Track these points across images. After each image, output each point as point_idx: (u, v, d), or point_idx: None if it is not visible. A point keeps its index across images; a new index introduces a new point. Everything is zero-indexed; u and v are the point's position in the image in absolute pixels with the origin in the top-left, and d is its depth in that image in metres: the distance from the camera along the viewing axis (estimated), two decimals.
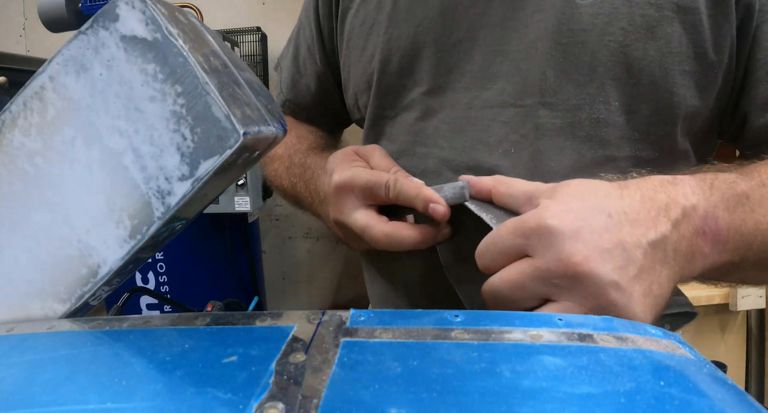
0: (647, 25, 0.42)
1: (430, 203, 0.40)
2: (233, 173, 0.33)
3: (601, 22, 0.43)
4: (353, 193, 0.43)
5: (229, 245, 1.65)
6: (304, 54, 0.65)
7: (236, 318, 0.29)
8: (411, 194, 0.40)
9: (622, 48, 0.43)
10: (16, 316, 0.32)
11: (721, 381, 0.24)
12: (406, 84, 0.51)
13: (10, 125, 0.31)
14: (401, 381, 0.22)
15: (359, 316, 0.29)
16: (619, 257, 0.31)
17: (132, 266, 0.32)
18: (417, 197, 0.40)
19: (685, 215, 0.33)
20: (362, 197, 0.43)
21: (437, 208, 0.39)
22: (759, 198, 0.36)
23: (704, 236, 0.34)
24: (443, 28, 0.49)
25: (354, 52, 0.55)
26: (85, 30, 0.29)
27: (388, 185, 0.42)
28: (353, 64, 0.56)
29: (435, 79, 0.49)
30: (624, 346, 0.25)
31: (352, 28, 0.55)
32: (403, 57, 0.50)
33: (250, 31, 1.87)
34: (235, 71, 0.34)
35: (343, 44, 0.57)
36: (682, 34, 0.42)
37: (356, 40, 0.55)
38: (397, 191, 0.41)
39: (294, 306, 2.20)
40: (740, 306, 1.58)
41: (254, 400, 0.21)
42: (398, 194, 0.41)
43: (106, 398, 0.21)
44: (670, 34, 0.42)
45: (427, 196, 0.40)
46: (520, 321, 0.27)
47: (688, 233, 0.33)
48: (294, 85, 0.67)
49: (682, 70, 0.43)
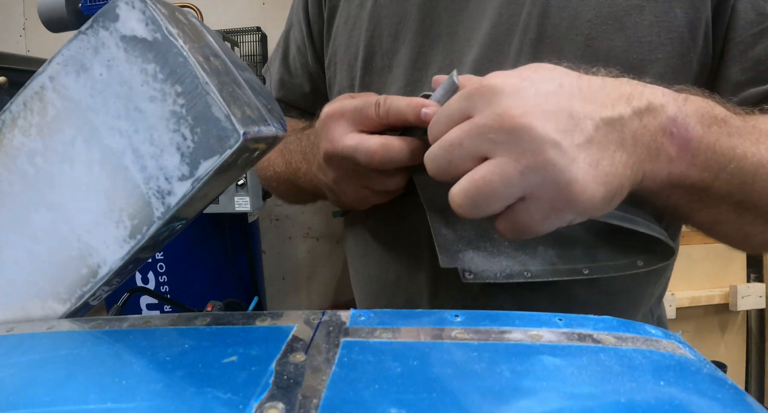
0: (615, 16, 0.42)
1: (421, 109, 0.37)
2: (233, 173, 0.33)
3: (569, 15, 0.43)
4: (343, 118, 0.41)
5: (229, 245, 1.65)
6: (294, 54, 0.64)
7: (236, 318, 0.29)
8: (402, 105, 0.38)
9: (588, 41, 0.42)
10: (16, 316, 0.32)
11: (721, 381, 0.24)
12: (387, 81, 0.51)
13: (10, 125, 0.31)
14: (401, 381, 0.22)
15: (359, 316, 0.29)
16: (563, 122, 0.29)
17: (132, 266, 0.32)
18: (408, 106, 0.38)
19: (650, 109, 0.31)
20: (353, 122, 0.41)
21: (426, 111, 0.37)
22: (737, 127, 0.35)
23: (671, 138, 0.32)
24: (423, 23, 0.49)
25: (339, 51, 0.55)
26: (85, 30, 0.29)
27: (378, 102, 0.40)
28: (338, 62, 0.56)
29: (412, 73, 0.49)
30: (624, 346, 0.25)
31: (337, 26, 0.55)
32: (385, 55, 0.51)
33: (250, 31, 1.87)
34: (235, 71, 0.34)
35: (330, 43, 0.57)
36: (652, 23, 0.42)
37: (341, 38, 0.55)
38: (388, 105, 0.39)
39: (294, 306, 2.20)
40: (740, 306, 1.58)
41: (254, 400, 0.21)
42: (389, 109, 0.39)
43: (106, 398, 0.21)
44: (639, 23, 0.42)
45: (418, 102, 0.38)
46: (520, 321, 0.27)
47: (653, 128, 0.31)
48: (283, 85, 0.66)
49: (654, 59, 0.42)
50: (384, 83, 0.51)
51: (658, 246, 0.39)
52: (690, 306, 1.57)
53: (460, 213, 0.31)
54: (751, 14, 0.41)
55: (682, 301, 1.56)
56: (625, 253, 0.41)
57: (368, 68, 0.52)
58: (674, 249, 0.39)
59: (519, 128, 0.29)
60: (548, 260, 0.41)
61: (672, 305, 1.53)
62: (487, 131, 0.30)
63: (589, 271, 0.41)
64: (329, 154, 0.42)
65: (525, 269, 0.41)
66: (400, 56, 0.50)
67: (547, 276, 0.41)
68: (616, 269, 0.40)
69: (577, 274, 0.41)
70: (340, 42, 0.55)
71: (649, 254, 0.40)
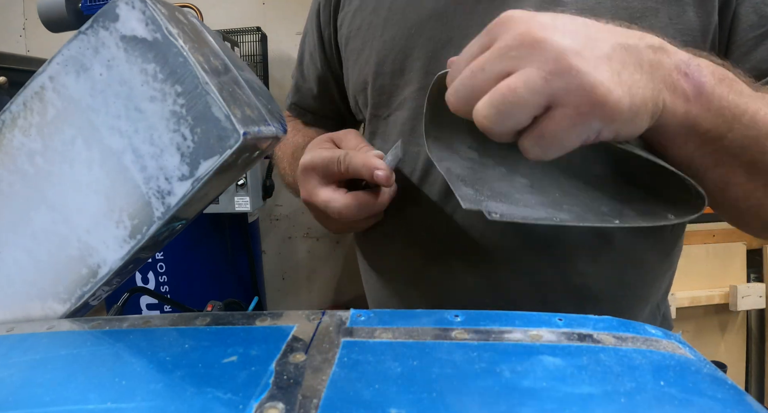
0: (630, 17, 0.42)
1: (374, 171, 0.42)
2: (233, 173, 0.33)
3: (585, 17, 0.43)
4: (315, 172, 0.46)
5: (229, 245, 1.65)
6: (307, 60, 0.68)
7: (236, 318, 0.29)
8: (358, 165, 0.43)
9: None
10: (16, 316, 0.32)
11: (721, 381, 0.24)
12: (399, 84, 0.52)
13: (10, 125, 0.31)
14: (401, 381, 0.22)
15: (359, 316, 0.29)
16: (581, 39, 0.29)
17: (132, 266, 0.32)
18: (363, 167, 0.43)
19: (663, 48, 0.32)
20: (323, 176, 0.46)
21: (378, 174, 0.42)
22: (748, 91, 0.35)
23: (686, 78, 0.32)
24: (435, 27, 0.49)
25: (352, 55, 0.57)
26: (85, 30, 0.29)
27: (339, 160, 0.44)
28: (351, 66, 0.57)
29: (426, 77, 0.50)
30: (624, 346, 0.25)
31: (349, 31, 0.57)
32: (397, 58, 0.51)
33: (250, 31, 1.87)
34: (235, 71, 0.34)
35: (342, 48, 0.59)
36: (667, 25, 0.42)
37: (354, 43, 0.56)
38: (347, 163, 0.44)
39: (294, 306, 2.20)
40: (740, 306, 1.58)
41: (254, 400, 0.21)
42: (348, 167, 0.44)
43: (106, 398, 0.21)
44: (654, 26, 0.42)
45: (371, 164, 0.42)
46: (520, 321, 0.27)
47: (667, 64, 0.32)
48: (298, 89, 0.71)
49: None
50: (396, 86, 0.52)
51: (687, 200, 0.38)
52: (690, 306, 1.57)
53: (485, 125, 0.31)
54: (753, 17, 0.42)
55: (682, 301, 1.56)
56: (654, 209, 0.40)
57: (380, 71, 0.53)
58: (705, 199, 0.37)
59: (540, 41, 0.29)
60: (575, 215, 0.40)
61: (672, 305, 1.53)
62: (507, 50, 0.30)
63: (620, 221, 0.39)
64: (307, 203, 0.49)
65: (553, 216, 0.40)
66: (413, 60, 0.50)
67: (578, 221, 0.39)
68: (646, 220, 0.39)
69: (607, 222, 0.39)
70: (354, 46, 0.56)
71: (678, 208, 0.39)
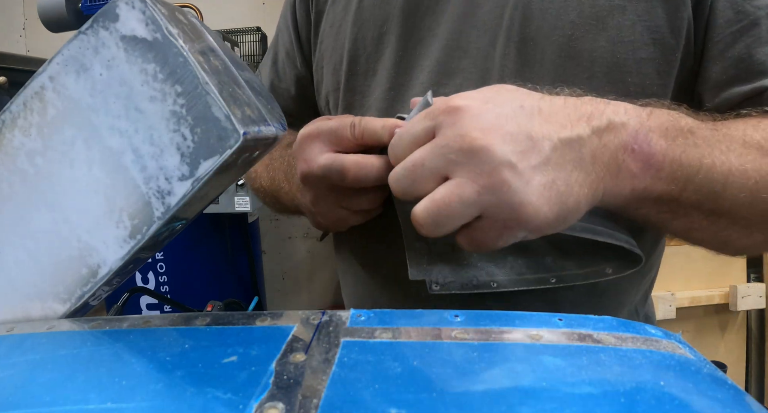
0: (597, 16, 0.42)
1: (395, 130, 0.38)
2: (233, 173, 0.33)
3: (551, 16, 0.43)
4: (319, 139, 0.42)
5: (229, 245, 1.65)
6: (282, 59, 0.65)
7: (236, 318, 0.29)
8: (377, 126, 0.39)
9: (570, 42, 0.43)
10: (16, 316, 0.32)
11: (721, 381, 0.24)
12: (371, 84, 0.51)
13: (10, 125, 0.31)
14: (401, 381, 0.22)
15: (359, 316, 0.29)
16: (521, 143, 0.30)
17: (132, 266, 0.32)
18: (383, 128, 0.39)
19: (610, 127, 0.32)
20: (328, 143, 0.41)
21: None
22: (705, 137, 0.35)
23: (633, 154, 0.33)
24: (405, 26, 0.49)
25: (326, 54, 0.56)
26: (85, 30, 0.29)
27: (353, 123, 0.40)
28: (325, 65, 0.56)
29: (396, 77, 0.50)
30: (624, 346, 0.25)
31: (323, 30, 0.56)
32: (369, 58, 0.51)
33: (250, 31, 1.87)
34: (235, 71, 0.34)
35: (317, 47, 0.58)
36: (635, 22, 0.42)
37: (327, 41, 0.55)
38: (363, 126, 0.40)
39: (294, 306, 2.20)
40: (740, 306, 1.58)
41: (254, 400, 0.21)
42: (364, 130, 0.40)
43: (106, 398, 0.21)
44: (621, 23, 0.42)
45: (392, 123, 0.39)
46: (520, 321, 0.27)
47: (613, 146, 0.32)
48: (273, 90, 0.67)
49: (638, 58, 0.42)
50: (368, 86, 0.52)
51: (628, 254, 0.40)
52: (690, 306, 1.57)
53: (422, 232, 0.33)
54: (729, 13, 0.41)
55: (682, 301, 1.56)
56: (594, 261, 0.41)
57: (353, 71, 0.52)
58: (641, 257, 0.39)
59: (477, 149, 0.30)
60: (516, 270, 0.42)
61: (672, 305, 1.53)
62: (447, 151, 0.31)
63: (556, 280, 0.42)
64: (305, 174, 0.43)
65: (492, 279, 0.42)
66: (384, 60, 0.50)
67: (513, 286, 0.42)
68: (584, 278, 0.41)
69: (544, 283, 0.42)
70: (326, 45, 0.55)
71: (618, 261, 0.41)
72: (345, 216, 0.45)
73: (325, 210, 0.45)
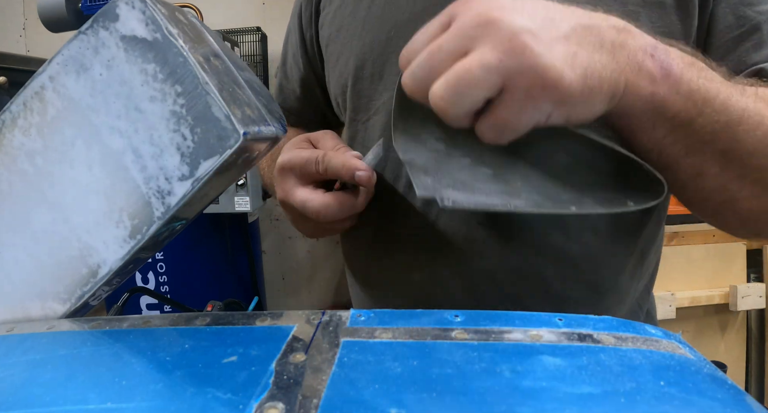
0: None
1: (354, 172, 0.41)
2: (233, 173, 0.33)
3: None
4: (292, 172, 0.45)
5: (229, 245, 1.65)
6: (290, 60, 0.67)
7: (236, 318, 0.29)
8: (338, 166, 0.42)
9: None
10: (16, 316, 0.32)
11: (721, 381, 0.24)
12: (378, 88, 0.52)
13: (10, 125, 0.31)
14: (401, 381, 0.22)
15: (359, 316, 0.29)
16: (539, 20, 0.30)
17: (132, 266, 0.32)
18: (342, 168, 0.42)
19: (628, 30, 0.32)
20: (300, 176, 0.45)
21: (359, 174, 0.41)
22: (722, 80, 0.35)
23: (653, 59, 0.32)
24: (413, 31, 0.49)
25: (332, 58, 0.56)
26: (85, 30, 0.29)
27: (317, 160, 0.43)
28: (331, 69, 0.57)
29: None
30: (624, 346, 0.25)
31: (329, 33, 0.56)
32: (376, 62, 0.51)
33: (250, 31, 1.87)
34: (235, 71, 0.34)
35: (323, 50, 0.58)
36: (650, 29, 0.41)
37: (333, 45, 0.56)
38: (326, 164, 0.43)
39: (294, 306, 2.20)
40: (740, 306, 1.58)
41: (254, 400, 0.21)
42: (327, 167, 0.43)
43: (106, 398, 0.21)
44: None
45: (351, 165, 0.41)
46: (520, 321, 0.27)
47: (633, 45, 0.32)
48: (281, 90, 0.70)
49: None
50: (375, 90, 0.52)
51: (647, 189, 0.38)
52: (690, 306, 1.57)
53: (441, 106, 0.31)
54: (730, 18, 0.41)
55: (682, 301, 1.56)
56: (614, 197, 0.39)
57: (359, 76, 0.52)
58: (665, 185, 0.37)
59: (497, 19, 0.29)
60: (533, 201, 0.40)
61: (672, 305, 1.53)
62: (465, 29, 0.30)
63: (576, 207, 0.39)
64: (284, 203, 0.47)
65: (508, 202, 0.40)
66: (391, 64, 0.50)
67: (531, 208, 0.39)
68: (605, 207, 0.39)
69: (563, 208, 0.39)
70: (333, 49, 0.56)
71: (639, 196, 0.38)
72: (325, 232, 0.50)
73: (306, 228, 0.50)
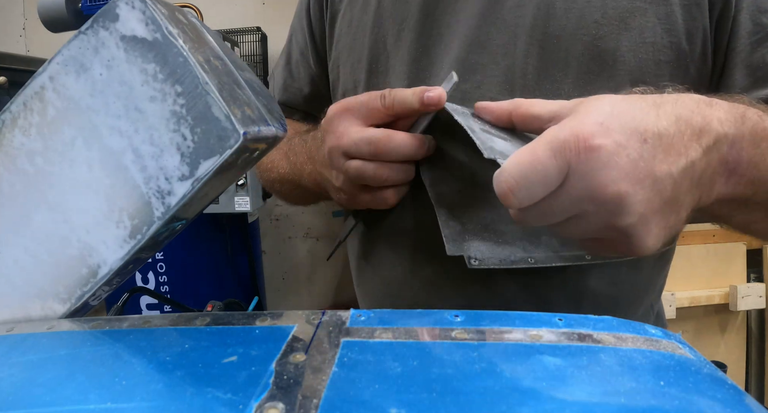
0: (620, 17, 0.43)
1: (424, 93, 0.39)
2: (233, 173, 0.33)
3: (575, 16, 0.44)
4: (350, 112, 0.43)
5: (229, 245, 1.65)
6: (296, 59, 0.66)
7: (236, 318, 0.29)
8: (406, 94, 0.41)
9: (595, 40, 0.44)
10: (16, 316, 0.32)
11: (721, 381, 0.24)
12: (390, 81, 0.52)
13: (10, 125, 0.31)
14: (401, 381, 0.22)
15: (359, 316, 0.29)
16: (649, 188, 0.31)
17: (132, 266, 0.32)
18: (413, 94, 0.40)
19: (716, 142, 0.33)
20: (360, 116, 0.43)
21: (431, 95, 0.39)
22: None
23: (726, 165, 0.34)
24: (425, 24, 0.49)
25: (343, 54, 0.56)
26: (85, 30, 0.29)
27: (383, 94, 0.42)
28: (342, 65, 0.57)
29: (415, 74, 0.50)
30: (624, 346, 0.25)
31: (340, 30, 0.56)
32: (389, 55, 0.51)
33: (250, 31, 1.87)
34: (235, 71, 0.34)
35: (333, 46, 0.58)
36: (656, 24, 0.43)
37: (344, 41, 0.56)
38: (393, 96, 0.41)
39: (294, 306, 2.20)
40: (740, 306, 1.58)
41: (254, 400, 0.21)
42: (394, 99, 0.41)
43: (106, 398, 0.21)
44: (643, 25, 0.43)
45: (421, 88, 0.40)
46: (520, 321, 0.27)
47: (714, 163, 0.33)
48: (286, 89, 0.69)
49: (657, 60, 0.44)
50: (388, 84, 0.52)
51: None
52: (690, 306, 1.57)
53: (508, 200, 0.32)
54: (749, 25, 0.43)
55: (682, 301, 1.56)
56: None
57: (372, 70, 0.53)
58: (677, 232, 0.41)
59: (610, 200, 0.30)
60: (552, 248, 0.42)
61: (672, 305, 1.53)
62: (580, 203, 0.31)
63: (591, 257, 0.42)
64: (334, 148, 0.43)
65: (529, 255, 0.42)
66: (403, 57, 0.51)
67: (550, 262, 0.42)
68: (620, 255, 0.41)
69: (579, 260, 0.42)
70: (344, 44, 0.56)
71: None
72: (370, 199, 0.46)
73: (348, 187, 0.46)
